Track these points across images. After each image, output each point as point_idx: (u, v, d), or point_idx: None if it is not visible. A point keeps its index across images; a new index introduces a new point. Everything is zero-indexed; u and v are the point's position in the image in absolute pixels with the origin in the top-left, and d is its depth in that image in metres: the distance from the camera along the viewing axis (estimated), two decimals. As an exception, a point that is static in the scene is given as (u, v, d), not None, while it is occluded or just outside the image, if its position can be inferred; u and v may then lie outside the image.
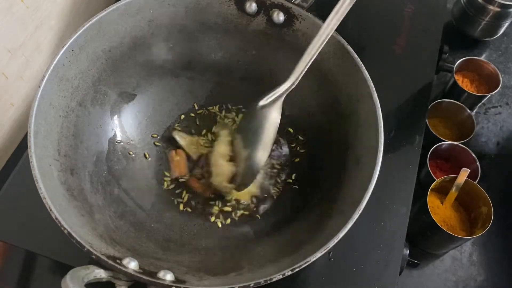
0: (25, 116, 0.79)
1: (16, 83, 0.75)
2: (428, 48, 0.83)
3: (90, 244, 0.47)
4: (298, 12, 0.64)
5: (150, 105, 0.70)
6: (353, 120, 0.63)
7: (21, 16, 0.70)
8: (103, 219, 0.57)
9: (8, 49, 0.70)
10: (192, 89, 0.73)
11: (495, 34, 0.97)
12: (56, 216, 0.47)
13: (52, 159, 0.54)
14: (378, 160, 0.54)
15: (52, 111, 0.57)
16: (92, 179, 0.61)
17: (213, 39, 0.71)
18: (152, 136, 0.70)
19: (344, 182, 0.60)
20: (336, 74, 0.64)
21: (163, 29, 0.67)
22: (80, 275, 0.42)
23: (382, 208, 0.67)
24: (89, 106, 0.63)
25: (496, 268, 0.77)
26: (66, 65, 0.58)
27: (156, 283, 0.46)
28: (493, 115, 0.91)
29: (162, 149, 0.70)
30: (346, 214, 0.52)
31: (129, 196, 0.64)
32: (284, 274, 0.47)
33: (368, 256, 0.64)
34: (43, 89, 0.55)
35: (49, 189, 0.50)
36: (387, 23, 0.85)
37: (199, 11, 0.67)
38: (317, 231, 0.56)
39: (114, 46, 0.64)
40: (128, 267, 0.46)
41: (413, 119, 0.76)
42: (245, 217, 0.66)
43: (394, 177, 0.70)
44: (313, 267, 0.63)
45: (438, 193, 0.75)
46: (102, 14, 0.60)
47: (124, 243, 0.54)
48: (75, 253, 0.54)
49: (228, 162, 0.66)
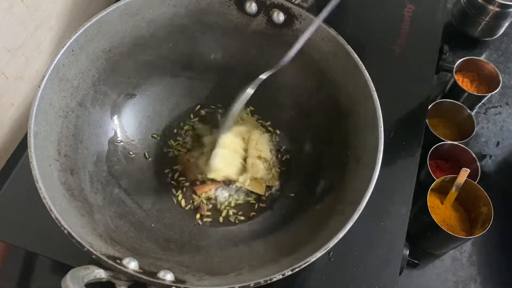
0: (25, 116, 0.79)
1: (16, 83, 0.75)
2: (428, 48, 0.83)
3: (90, 244, 0.47)
4: (298, 12, 0.64)
5: (150, 105, 0.70)
6: (353, 120, 0.63)
7: (21, 16, 0.70)
8: (103, 219, 0.57)
9: (8, 49, 0.70)
10: (192, 89, 0.73)
11: (495, 34, 0.97)
12: (56, 216, 0.47)
13: (52, 159, 0.54)
14: (378, 160, 0.54)
15: (52, 111, 0.57)
16: (92, 179, 0.61)
17: (213, 39, 0.71)
18: (152, 136, 0.70)
19: (344, 182, 0.60)
20: (336, 74, 0.64)
21: (163, 29, 0.67)
22: (80, 275, 0.42)
23: (382, 208, 0.67)
24: (89, 106, 0.63)
25: (496, 268, 0.77)
26: (66, 65, 0.58)
27: (156, 283, 0.46)
28: (493, 115, 0.91)
29: (162, 149, 0.70)
30: (346, 214, 0.52)
31: (129, 196, 0.64)
32: (284, 274, 0.47)
33: (368, 256, 0.64)
34: (43, 89, 0.55)
35: (49, 189, 0.50)
36: (387, 23, 0.85)
37: (199, 11, 0.67)
38: (317, 231, 0.56)
39: (114, 46, 0.64)
40: (128, 267, 0.46)
41: (413, 119, 0.76)
42: (245, 218, 0.66)
43: (394, 177, 0.70)
44: (313, 267, 0.63)
45: (438, 193, 0.75)
46: (102, 14, 0.60)
47: (124, 243, 0.54)
48: (75, 253, 0.54)
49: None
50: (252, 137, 0.69)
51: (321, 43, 0.62)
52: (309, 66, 0.66)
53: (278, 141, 0.72)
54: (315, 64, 0.66)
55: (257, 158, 0.67)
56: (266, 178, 0.68)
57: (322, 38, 0.62)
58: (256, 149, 0.68)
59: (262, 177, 0.67)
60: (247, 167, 0.67)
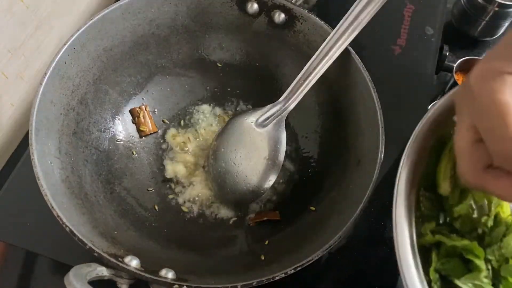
0: (25, 116, 0.79)
1: (16, 83, 0.75)
2: (428, 48, 0.83)
3: (92, 242, 0.47)
4: (300, 13, 0.65)
5: (150, 104, 0.70)
6: (353, 120, 0.63)
7: (21, 16, 0.70)
8: (104, 217, 0.57)
9: (8, 49, 0.70)
10: (193, 89, 0.73)
11: (495, 34, 0.97)
12: (57, 214, 0.47)
13: (53, 157, 0.54)
14: (378, 160, 0.54)
15: (53, 109, 0.57)
16: (93, 178, 0.61)
17: (214, 39, 0.71)
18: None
19: (344, 182, 0.60)
20: (336, 74, 0.64)
21: (164, 28, 0.67)
22: (83, 273, 0.42)
23: (382, 208, 0.67)
24: (90, 104, 0.63)
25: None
26: (68, 63, 0.58)
27: (158, 281, 0.46)
28: (493, 115, 0.91)
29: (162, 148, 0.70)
30: (347, 213, 0.53)
31: (129, 194, 0.64)
32: (286, 273, 0.47)
33: (368, 256, 0.64)
34: (44, 86, 0.55)
35: (50, 187, 0.50)
36: (387, 23, 0.85)
37: (200, 11, 0.67)
38: (318, 231, 0.56)
39: (115, 44, 0.64)
40: (130, 265, 0.46)
41: (413, 119, 0.76)
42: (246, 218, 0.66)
43: (394, 177, 0.70)
44: (313, 267, 0.63)
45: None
46: (104, 13, 0.61)
47: (125, 242, 0.54)
48: (75, 253, 0.55)
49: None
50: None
51: (321, 44, 0.62)
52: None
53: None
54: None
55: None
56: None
57: (322, 38, 0.62)
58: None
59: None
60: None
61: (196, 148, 0.70)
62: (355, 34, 0.59)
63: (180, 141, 0.70)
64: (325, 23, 0.63)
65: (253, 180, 0.63)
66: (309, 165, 0.69)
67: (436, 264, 0.42)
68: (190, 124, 0.72)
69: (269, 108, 0.65)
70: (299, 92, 0.63)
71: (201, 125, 0.72)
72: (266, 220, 0.64)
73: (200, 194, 0.67)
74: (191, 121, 0.72)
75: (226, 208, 0.66)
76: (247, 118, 0.65)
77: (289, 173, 0.69)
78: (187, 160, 0.69)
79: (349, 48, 0.61)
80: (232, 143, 0.65)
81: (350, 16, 0.59)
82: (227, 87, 0.74)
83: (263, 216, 0.64)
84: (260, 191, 0.64)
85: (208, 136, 0.71)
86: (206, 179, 0.67)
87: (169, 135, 0.71)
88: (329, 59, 0.61)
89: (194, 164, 0.69)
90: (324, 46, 0.61)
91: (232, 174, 0.64)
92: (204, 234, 0.63)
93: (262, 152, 0.64)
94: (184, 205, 0.66)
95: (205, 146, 0.70)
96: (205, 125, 0.72)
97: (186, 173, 0.68)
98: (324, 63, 0.61)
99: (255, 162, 0.64)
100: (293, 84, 0.63)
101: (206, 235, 0.63)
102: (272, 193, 0.67)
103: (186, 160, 0.69)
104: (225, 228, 0.64)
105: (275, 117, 0.64)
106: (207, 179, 0.67)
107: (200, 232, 0.64)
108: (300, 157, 0.70)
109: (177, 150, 0.69)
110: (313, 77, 0.61)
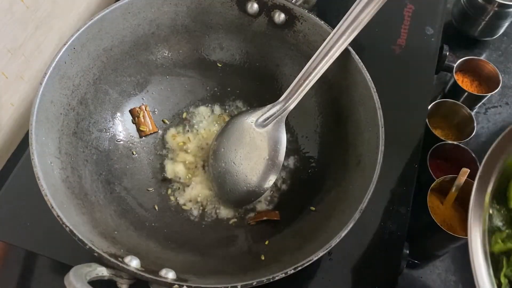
0: (25, 116, 0.79)
1: (16, 83, 0.75)
2: (428, 48, 0.83)
3: (92, 242, 0.47)
4: (300, 13, 0.65)
5: (150, 105, 0.70)
6: (354, 120, 0.63)
7: (21, 16, 0.70)
8: (103, 217, 0.57)
9: (8, 49, 0.70)
10: (193, 89, 0.73)
11: (495, 34, 0.97)
12: (57, 214, 0.47)
13: (53, 156, 0.54)
14: (378, 160, 0.54)
15: (53, 109, 0.57)
16: (93, 178, 0.60)
17: (214, 39, 0.71)
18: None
19: (344, 182, 0.60)
20: (336, 74, 0.64)
21: (164, 28, 0.67)
22: (83, 272, 0.42)
23: (382, 208, 0.67)
24: (90, 104, 0.63)
25: (496, 268, 0.77)
26: (68, 63, 0.58)
27: (158, 281, 0.46)
28: (493, 115, 0.91)
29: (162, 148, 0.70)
30: (347, 213, 0.53)
31: (129, 194, 0.63)
32: (286, 273, 0.47)
33: (368, 256, 0.64)
34: (44, 86, 0.55)
35: (50, 187, 0.50)
36: (387, 23, 0.86)
37: (200, 11, 0.67)
38: (318, 231, 0.56)
39: (115, 44, 0.64)
40: (130, 265, 0.46)
41: (413, 119, 0.76)
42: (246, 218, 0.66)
43: (394, 177, 0.70)
44: (313, 267, 0.63)
45: (438, 193, 0.75)
46: (104, 12, 0.61)
47: (125, 242, 0.54)
48: (75, 253, 0.55)
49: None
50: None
51: (321, 44, 0.62)
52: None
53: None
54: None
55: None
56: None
57: (322, 38, 0.62)
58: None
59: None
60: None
61: (196, 148, 0.70)
62: (355, 34, 0.59)
63: (180, 141, 0.70)
64: (325, 23, 0.63)
65: (253, 180, 0.64)
66: (309, 165, 0.69)
67: (506, 270, 0.47)
68: (190, 124, 0.72)
69: (269, 108, 0.65)
70: (299, 92, 0.62)
71: (201, 125, 0.72)
72: (266, 220, 0.64)
73: (200, 194, 0.67)
74: (191, 121, 0.72)
75: (226, 208, 0.66)
76: (247, 118, 0.65)
77: (289, 173, 0.69)
78: (187, 160, 0.69)
79: (349, 48, 0.61)
80: (232, 143, 0.65)
81: (350, 16, 0.59)
82: (227, 87, 0.74)
83: (263, 216, 0.64)
84: (260, 191, 0.64)
85: (208, 136, 0.71)
86: (206, 179, 0.67)
87: (169, 135, 0.71)
88: (329, 59, 0.61)
89: (194, 164, 0.69)
90: (324, 46, 0.61)
91: (232, 174, 0.64)
92: (204, 234, 0.63)
93: (262, 152, 0.64)
94: (184, 205, 0.66)
95: (205, 146, 0.70)
96: (205, 125, 0.72)
97: (186, 173, 0.68)
98: (324, 63, 0.61)
99: (255, 162, 0.64)
100: (293, 84, 0.63)
101: (206, 235, 0.63)
102: (272, 193, 0.67)
103: (186, 160, 0.69)
104: (225, 228, 0.64)
105: (275, 117, 0.64)
106: (207, 179, 0.67)
107: (200, 232, 0.63)
108: (300, 157, 0.70)
109: (177, 150, 0.69)
110: (313, 77, 0.61)
